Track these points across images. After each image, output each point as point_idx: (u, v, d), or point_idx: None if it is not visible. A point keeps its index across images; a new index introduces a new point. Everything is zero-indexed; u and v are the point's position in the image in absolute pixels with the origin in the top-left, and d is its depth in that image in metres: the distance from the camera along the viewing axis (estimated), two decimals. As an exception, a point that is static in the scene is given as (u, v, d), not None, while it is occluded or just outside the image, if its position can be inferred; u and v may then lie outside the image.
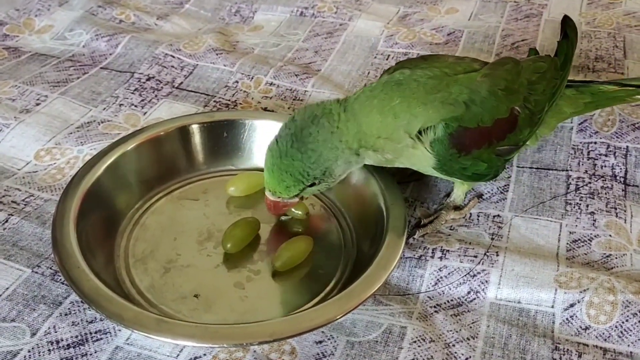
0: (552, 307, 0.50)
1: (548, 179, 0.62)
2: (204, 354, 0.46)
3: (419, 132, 0.51)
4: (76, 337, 0.47)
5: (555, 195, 0.60)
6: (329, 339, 0.48)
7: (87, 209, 0.53)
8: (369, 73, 0.77)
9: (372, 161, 0.53)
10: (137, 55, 0.79)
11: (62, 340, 0.47)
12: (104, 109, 0.70)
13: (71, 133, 0.66)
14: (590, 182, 0.61)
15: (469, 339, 0.48)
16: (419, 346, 0.47)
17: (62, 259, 0.48)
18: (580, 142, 0.66)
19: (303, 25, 0.87)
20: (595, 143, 0.65)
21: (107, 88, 0.73)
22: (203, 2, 0.93)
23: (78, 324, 0.48)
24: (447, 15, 0.89)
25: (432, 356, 0.47)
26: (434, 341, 0.48)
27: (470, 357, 0.47)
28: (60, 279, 0.51)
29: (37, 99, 0.71)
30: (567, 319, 0.49)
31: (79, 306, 0.49)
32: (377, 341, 0.48)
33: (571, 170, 0.63)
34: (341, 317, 0.45)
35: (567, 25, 0.64)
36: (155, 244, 0.55)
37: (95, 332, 0.47)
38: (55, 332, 0.47)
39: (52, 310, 0.49)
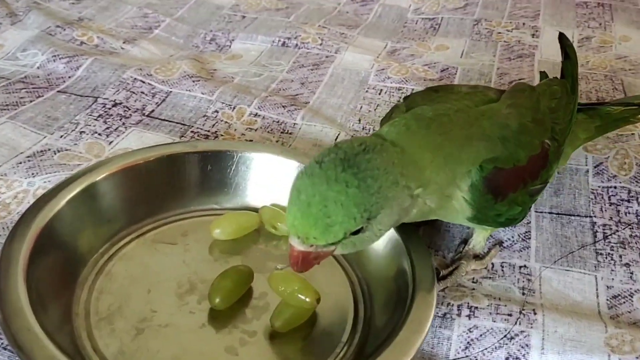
0: (607, 375, 0.42)
1: (571, 225, 0.56)
2: None
3: None
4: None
5: (584, 245, 0.54)
6: (348, 420, 0.38)
7: (40, 254, 0.43)
8: (361, 107, 0.70)
9: (412, 214, 0.43)
10: (102, 79, 0.69)
11: None
12: (62, 136, 0.60)
13: (20, 163, 0.56)
14: (617, 230, 0.55)
15: (516, 417, 0.40)
16: None
17: (8, 319, 0.37)
18: (599, 187, 0.60)
19: (286, 56, 0.79)
20: (615, 188, 0.60)
21: (66, 113, 0.63)
22: (174, 29, 0.84)
23: (25, 403, 0.37)
24: (437, 52, 0.83)
25: None
26: (476, 420, 0.39)
27: None
28: (4, 344, 0.40)
29: (-19, 124, 0.60)
30: (625, 390, 0.42)
31: (26, 379, 0.38)
32: (408, 420, 0.39)
33: (595, 216, 0.57)
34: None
35: (566, 45, 0.60)
36: (125, 298, 0.45)
37: (48, 414, 0.37)
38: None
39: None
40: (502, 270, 0.51)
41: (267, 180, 0.53)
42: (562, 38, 0.60)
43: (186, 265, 0.48)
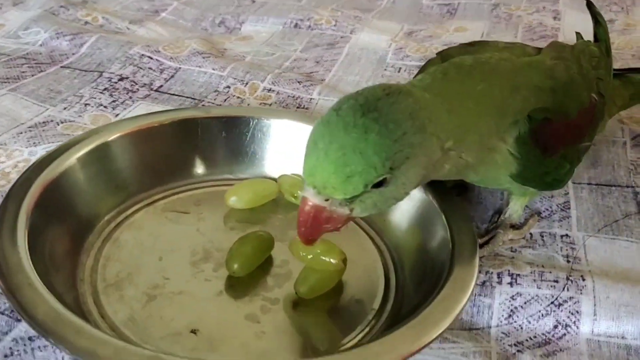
0: (668, 343, 0.38)
1: (613, 196, 0.52)
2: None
3: None
4: (19, 389, 0.32)
5: (628, 214, 0.50)
6: (387, 389, 0.34)
7: (41, 217, 0.39)
8: (380, 84, 0.67)
9: (446, 169, 0.38)
10: (107, 55, 0.66)
11: (-2, 393, 0.32)
12: (65, 108, 0.56)
13: (21, 133, 0.52)
14: (663, 200, 0.51)
15: (573, 386, 0.35)
16: (511, 396, 0.34)
17: (6, 273, 0.33)
18: (638, 158, 0.56)
19: (299, 37, 0.76)
20: (656, 158, 0.56)
21: (69, 87, 0.60)
22: (182, 12, 0.81)
23: (23, 370, 0.33)
24: (456, 33, 0.80)
25: (532, 410, 0.34)
26: (529, 389, 0.35)
27: (582, 409, 0.34)
28: (2, 306, 0.36)
29: (-21, 96, 0.57)
30: (691, 358, 0.37)
31: (24, 344, 0.34)
32: (453, 390, 0.35)
33: (637, 187, 0.53)
34: (418, 351, 0.32)
35: (595, 12, 0.56)
36: (134, 265, 0.41)
37: (49, 383, 0.33)
38: (-12, 382, 0.32)
39: (-17, 351, 0.34)
40: (543, 240, 0.47)
41: (286, 148, 0.50)
42: (590, 5, 0.58)
43: (200, 234, 0.44)
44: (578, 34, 0.56)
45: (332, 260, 0.39)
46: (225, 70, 0.65)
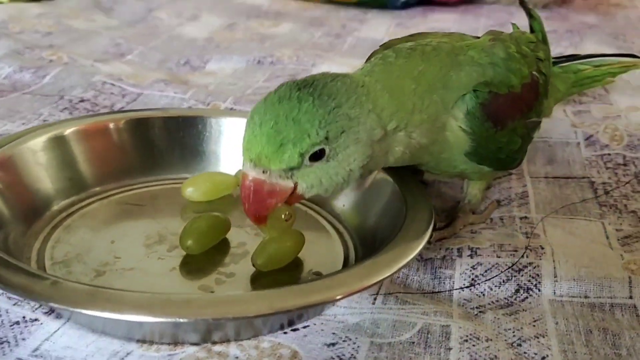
0: (631, 297, 0.38)
1: (570, 186, 0.52)
2: (160, 362, 0.30)
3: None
4: (-48, 347, 0.30)
5: (585, 199, 0.50)
6: (344, 341, 0.33)
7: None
8: (341, 105, 0.68)
9: (398, 153, 0.39)
10: (69, 83, 0.67)
11: None
12: (23, 124, 0.56)
13: (-23, 143, 0.52)
14: (618, 187, 0.52)
15: (537, 337, 0.34)
16: (473, 345, 0.33)
17: None
18: (592, 155, 0.57)
19: (262, 71, 0.78)
20: (609, 155, 0.57)
21: (29, 108, 0.60)
22: (147, 56, 0.83)
23: (-43, 331, 0.31)
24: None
25: (495, 356, 0.32)
26: (491, 340, 0.34)
27: (547, 356, 0.33)
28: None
29: (-63, 114, 0.57)
30: (654, 309, 0.37)
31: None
32: (413, 342, 0.33)
33: (592, 177, 0.54)
34: (372, 285, 0.31)
35: (528, 8, 0.59)
36: (84, 248, 0.40)
37: (-15, 342, 0.31)
38: None
39: None
40: (502, 222, 0.47)
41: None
42: (522, 3, 0.61)
43: (156, 222, 0.43)
44: (514, 25, 0.59)
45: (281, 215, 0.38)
46: (187, 93, 0.66)
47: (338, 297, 0.30)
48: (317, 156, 0.35)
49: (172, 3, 1.07)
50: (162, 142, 0.49)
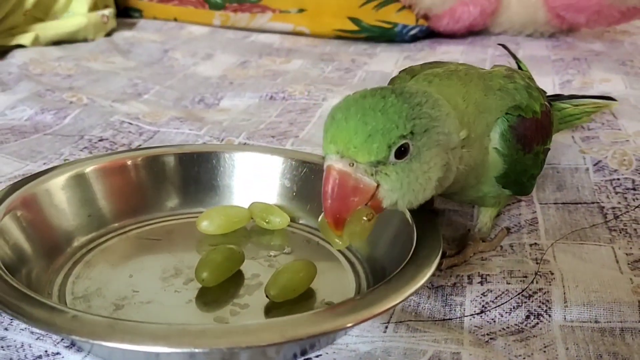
0: (641, 322, 0.38)
1: (579, 212, 0.53)
2: (176, 392, 0.31)
3: None
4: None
5: (594, 224, 0.51)
6: (356, 369, 0.33)
7: (12, 230, 0.40)
8: (351, 138, 0.69)
9: (453, 173, 0.38)
10: (89, 122, 0.69)
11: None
12: (44, 163, 0.58)
13: (1, 182, 0.54)
14: (628, 211, 0.52)
15: (547, 363, 0.35)
16: (483, 371, 0.33)
17: None
18: (602, 180, 0.58)
19: (274, 107, 0.80)
20: (619, 179, 0.58)
21: (50, 148, 0.62)
22: (163, 95, 0.86)
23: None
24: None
25: (505, 381, 0.33)
26: (501, 366, 0.34)
27: (557, 380, 0.33)
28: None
29: (-37, 156, 0.59)
30: (665, 333, 0.37)
31: (-13, 344, 0.34)
32: (424, 369, 0.34)
33: (602, 202, 0.54)
34: (381, 313, 0.32)
35: (509, 50, 0.63)
36: (104, 282, 0.41)
37: (9, 375, 0.32)
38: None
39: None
40: (512, 249, 0.47)
41: (255, 179, 0.51)
42: (503, 45, 0.65)
43: (172, 256, 0.45)
44: (503, 45, 0.61)
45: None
46: (202, 130, 0.68)
47: (349, 325, 0.31)
48: (402, 153, 0.35)
49: (187, 44, 1.10)
50: (178, 177, 0.51)
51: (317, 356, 0.34)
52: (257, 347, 0.29)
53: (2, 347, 0.34)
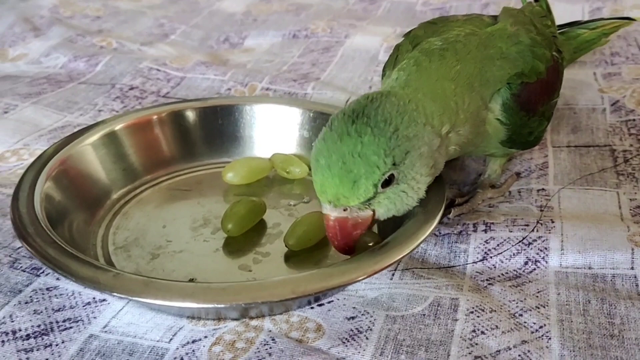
0: (632, 268, 0.41)
1: (590, 155, 0.55)
2: (205, 336, 0.36)
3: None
4: (38, 326, 0.36)
5: (604, 168, 0.53)
6: (362, 315, 0.37)
7: (56, 189, 0.44)
8: (372, 78, 0.71)
9: (452, 151, 0.41)
10: (119, 70, 0.72)
11: (20, 330, 0.36)
12: (81, 114, 0.62)
13: (42, 135, 0.58)
14: (639, 154, 0.54)
15: (538, 308, 0.38)
16: (478, 316, 0.37)
17: (21, 221, 0.38)
18: (617, 122, 0.59)
19: (297, 45, 0.82)
20: (634, 120, 0.59)
21: (85, 98, 0.66)
22: (189, 34, 0.88)
23: (41, 312, 0.37)
24: (446, 32, 0.85)
25: (497, 326, 0.37)
26: (495, 311, 0.38)
27: (544, 325, 0.37)
28: (21, 267, 0.41)
29: (6, 108, 0.63)
30: (653, 280, 0.40)
31: (43, 294, 0.39)
32: (424, 314, 0.38)
33: (614, 145, 0.56)
34: (381, 270, 0.35)
35: None
36: (140, 232, 0.45)
37: (64, 321, 0.37)
38: (12, 321, 0.37)
39: (8, 299, 0.38)
40: (520, 195, 0.50)
41: (276, 130, 0.54)
42: None
43: (201, 206, 0.49)
44: None
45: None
46: (226, 75, 0.70)
47: (354, 281, 0.35)
48: (388, 182, 0.37)
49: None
50: (203, 130, 0.54)
51: (329, 302, 0.39)
52: (271, 302, 0.33)
53: (55, 295, 0.39)
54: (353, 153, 0.36)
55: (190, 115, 0.54)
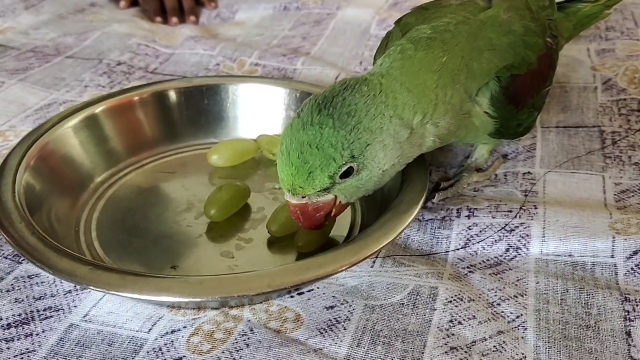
0: (612, 257, 0.41)
1: (579, 136, 0.54)
2: (184, 326, 0.36)
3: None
4: (19, 315, 0.37)
5: (591, 150, 0.52)
6: (342, 304, 0.38)
7: (37, 175, 0.44)
8: (363, 53, 0.70)
9: (429, 142, 0.41)
10: (107, 45, 0.71)
11: (1, 319, 0.37)
12: (67, 91, 0.62)
13: (28, 116, 0.58)
14: (627, 136, 0.53)
15: (516, 297, 0.38)
16: (456, 306, 0.37)
17: (1, 209, 0.38)
18: (608, 100, 0.58)
19: (288, 18, 0.80)
20: (625, 100, 0.58)
21: (72, 74, 0.65)
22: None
23: (22, 300, 0.38)
24: (441, 3, 0.83)
25: (474, 316, 0.37)
26: (473, 300, 0.38)
27: (521, 314, 0.37)
28: (3, 254, 0.41)
29: (-8, 86, 0.63)
30: (632, 268, 0.40)
31: (24, 282, 0.39)
32: (402, 304, 0.38)
33: (603, 126, 0.55)
34: (358, 262, 0.35)
35: None
36: (124, 217, 0.45)
37: (44, 310, 0.37)
38: (-8, 310, 0.37)
39: (-11, 287, 0.39)
40: (505, 178, 0.50)
41: (262, 110, 0.54)
42: None
43: (185, 189, 0.49)
44: None
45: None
46: (215, 49, 0.70)
47: (330, 274, 0.35)
48: (347, 173, 0.37)
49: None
50: (188, 110, 0.54)
51: (309, 290, 0.39)
52: (246, 296, 0.33)
53: (37, 283, 0.39)
54: (311, 144, 0.36)
55: (174, 95, 0.53)
